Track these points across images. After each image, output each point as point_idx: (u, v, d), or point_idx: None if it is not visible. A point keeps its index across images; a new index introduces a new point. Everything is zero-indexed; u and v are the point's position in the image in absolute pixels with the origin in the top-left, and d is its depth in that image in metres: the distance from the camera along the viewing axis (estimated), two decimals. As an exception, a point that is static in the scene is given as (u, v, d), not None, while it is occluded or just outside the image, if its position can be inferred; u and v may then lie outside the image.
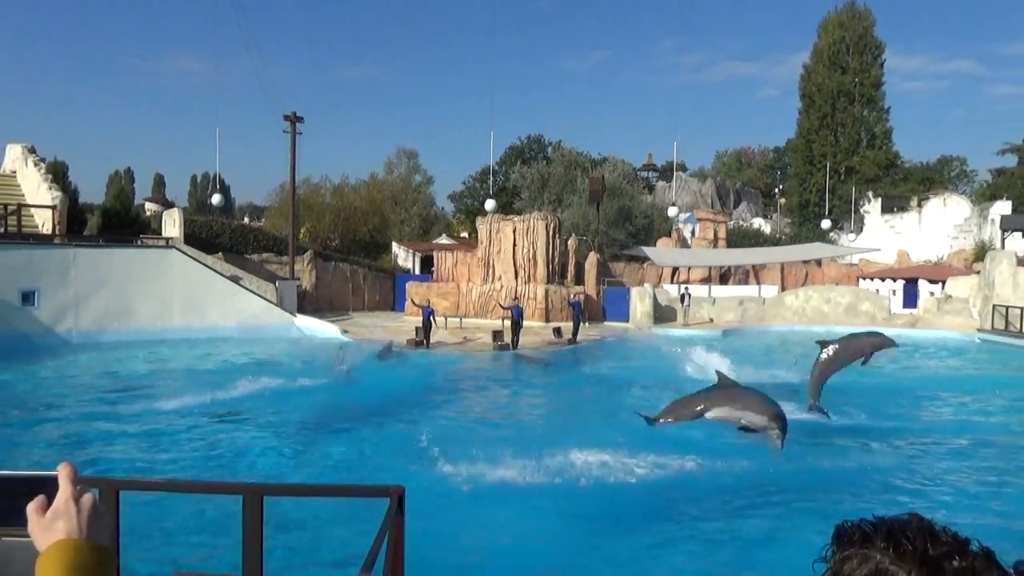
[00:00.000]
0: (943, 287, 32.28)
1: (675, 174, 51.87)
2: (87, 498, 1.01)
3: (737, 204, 62.44)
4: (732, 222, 48.67)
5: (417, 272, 36.99)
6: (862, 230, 48.15)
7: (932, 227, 45.73)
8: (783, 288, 35.66)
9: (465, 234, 49.42)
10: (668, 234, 41.14)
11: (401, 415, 13.45)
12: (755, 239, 45.55)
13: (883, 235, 46.24)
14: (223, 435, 12.16)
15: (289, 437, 11.81)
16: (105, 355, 20.22)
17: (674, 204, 40.28)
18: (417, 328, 22.88)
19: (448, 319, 27.28)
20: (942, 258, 42.21)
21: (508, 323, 22.96)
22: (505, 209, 40.15)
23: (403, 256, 39.17)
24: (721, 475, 9.48)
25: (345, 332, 24.76)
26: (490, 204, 33.51)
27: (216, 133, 53.90)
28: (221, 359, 20.59)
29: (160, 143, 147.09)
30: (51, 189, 26.07)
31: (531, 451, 10.04)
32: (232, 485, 2.31)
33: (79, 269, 22.45)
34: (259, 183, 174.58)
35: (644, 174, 63.60)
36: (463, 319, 28.24)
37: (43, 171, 27.39)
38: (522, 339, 22.61)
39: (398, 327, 26.28)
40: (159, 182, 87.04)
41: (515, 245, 29.59)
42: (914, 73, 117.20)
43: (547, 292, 28.71)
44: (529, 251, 29.48)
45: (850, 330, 27.55)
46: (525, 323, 24.09)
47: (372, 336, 23.92)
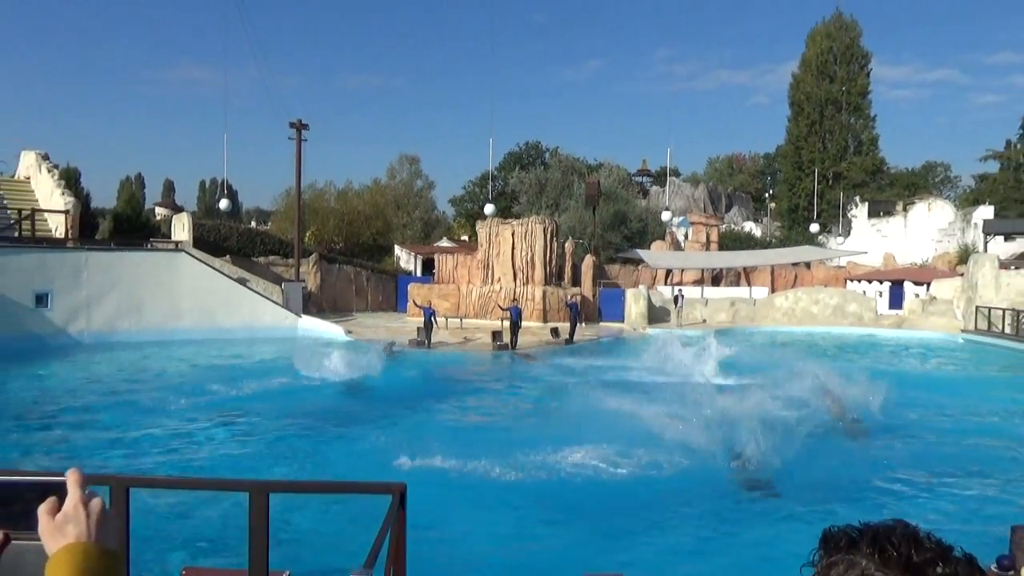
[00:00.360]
0: (928, 289, 32.67)
1: (668, 179, 52.58)
2: (96, 502, 1.01)
3: (729, 208, 63.26)
4: (724, 226, 49.19)
5: (419, 274, 37.17)
6: (849, 233, 48.52)
7: (917, 231, 46.21)
8: (773, 289, 36.12)
9: (465, 237, 49.92)
10: (662, 237, 41.40)
11: (401, 414, 13.45)
12: (746, 242, 45.92)
13: (870, 238, 46.70)
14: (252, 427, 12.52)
15: (311, 430, 12.16)
16: (141, 353, 20.58)
17: (668, 208, 41.01)
18: (419, 328, 23.13)
19: (448, 320, 27.62)
20: (927, 261, 42.56)
21: (507, 324, 23.25)
22: (504, 213, 40.65)
23: (405, 258, 39.53)
24: (711, 476, 9.33)
25: (349, 332, 24.95)
26: (489, 209, 34.00)
27: (224, 139, 54.18)
28: (227, 357, 20.88)
29: (170, 149, 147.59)
30: (64, 194, 26.19)
31: (531, 450, 10.09)
32: (238, 482, 2.32)
33: (91, 272, 22.72)
34: (266, 188, 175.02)
35: (639, 179, 64.33)
36: (463, 320, 28.57)
37: (56, 177, 27.58)
38: (520, 339, 22.87)
39: (400, 327, 26.51)
40: (169, 187, 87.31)
41: (514, 248, 29.87)
42: (899, 82, 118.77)
43: (545, 293, 29.03)
44: (527, 254, 29.79)
45: (838, 330, 28.67)
46: (523, 324, 24.39)
47: (375, 336, 24.06)
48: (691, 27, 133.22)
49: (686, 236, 43.36)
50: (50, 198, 27.05)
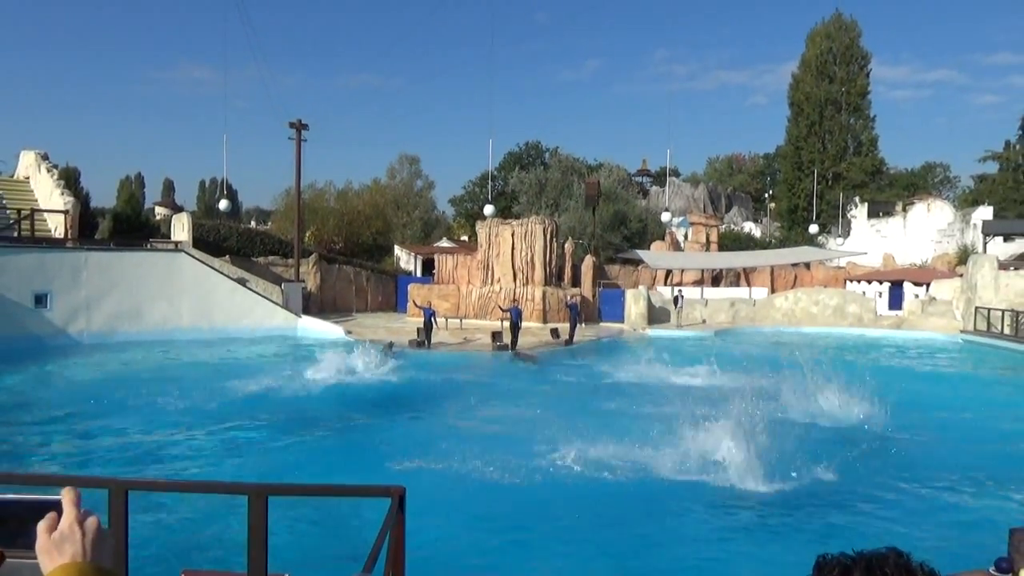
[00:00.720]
0: (927, 289, 32.73)
1: (668, 179, 52.58)
2: (91, 521, 1.01)
3: (728, 208, 63.33)
4: (724, 226, 49.31)
5: (418, 274, 37.20)
6: (849, 234, 48.62)
7: (917, 231, 46.34)
8: (773, 290, 36.23)
9: (465, 237, 49.94)
10: (662, 238, 41.39)
11: (401, 415, 13.40)
12: (746, 243, 45.99)
13: (869, 239, 46.85)
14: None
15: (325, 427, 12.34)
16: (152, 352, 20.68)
17: (667, 209, 41.03)
18: (418, 329, 23.12)
19: (448, 320, 27.67)
20: (926, 261, 42.66)
21: (507, 324, 23.28)
22: (504, 213, 40.66)
23: (405, 259, 39.54)
24: (705, 488, 9.08)
25: (349, 333, 24.94)
26: (488, 210, 33.98)
27: (224, 139, 54.22)
28: (226, 358, 20.85)
29: (169, 149, 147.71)
30: (63, 194, 26.15)
31: (531, 453, 10.08)
32: (237, 485, 2.30)
33: (90, 272, 22.67)
34: (266, 188, 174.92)
35: (638, 179, 64.41)
36: (463, 320, 28.60)
37: (56, 177, 27.53)
38: (520, 340, 22.80)
39: (400, 327, 26.51)
40: (168, 187, 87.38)
41: (514, 248, 29.88)
42: (899, 82, 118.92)
43: (544, 294, 29.04)
44: (527, 254, 29.80)
45: (838, 331, 28.69)
46: (523, 324, 24.34)
47: (375, 336, 23.98)
48: (690, 27, 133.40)
49: (686, 236, 43.39)
50: (49, 198, 27.02)
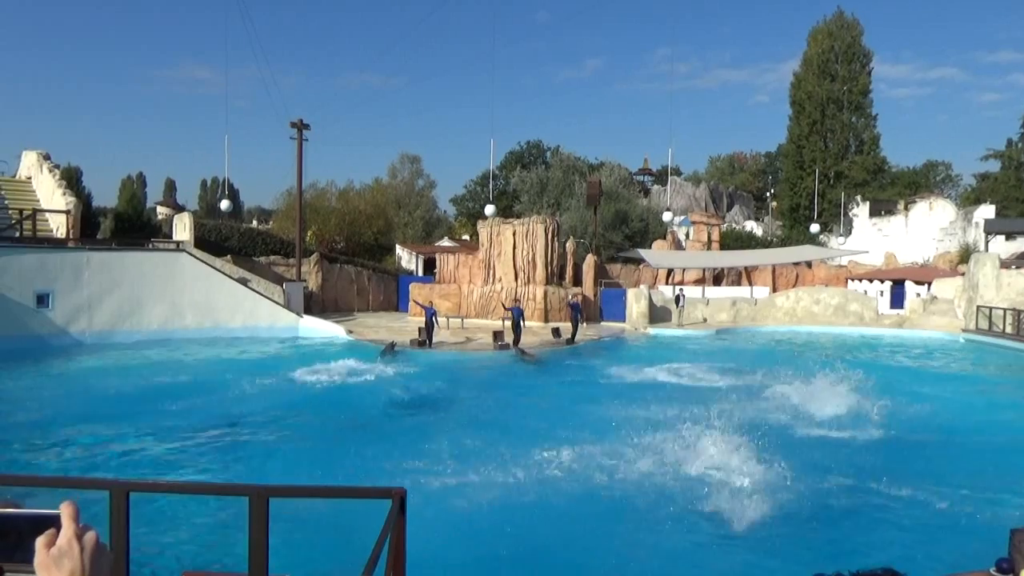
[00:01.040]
0: (929, 288, 32.71)
1: (670, 178, 52.63)
2: (90, 536, 1.01)
3: (730, 207, 63.32)
4: (725, 225, 49.29)
5: (420, 274, 37.26)
6: (851, 233, 48.59)
7: (918, 230, 46.36)
8: (774, 289, 36.19)
9: (467, 237, 49.93)
10: (663, 237, 41.34)
11: (401, 415, 13.34)
12: (747, 242, 45.96)
13: (871, 238, 46.86)
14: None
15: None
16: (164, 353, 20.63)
17: (669, 208, 41.00)
18: (420, 328, 23.12)
19: (450, 319, 27.71)
20: (928, 260, 42.67)
21: (508, 323, 23.33)
22: (505, 213, 40.67)
23: (406, 258, 39.59)
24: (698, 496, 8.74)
25: (350, 332, 24.95)
26: (489, 209, 33.93)
27: (225, 139, 54.41)
28: (227, 358, 20.81)
29: (171, 149, 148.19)
30: (65, 194, 26.15)
31: (531, 453, 10.06)
32: (238, 487, 2.33)
33: (92, 272, 22.67)
34: (267, 187, 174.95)
35: (640, 178, 64.38)
36: (464, 319, 28.63)
37: (57, 177, 27.55)
38: (522, 339, 22.78)
39: (402, 327, 26.51)
40: (170, 187, 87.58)
41: (515, 248, 29.87)
42: (900, 81, 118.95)
43: (546, 293, 29.05)
44: (528, 253, 29.79)
45: (839, 330, 28.70)
46: (525, 323, 24.31)
47: (376, 336, 24.10)
48: (692, 26, 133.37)
49: (687, 235, 43.39)
50: (51, 198, 27.05)
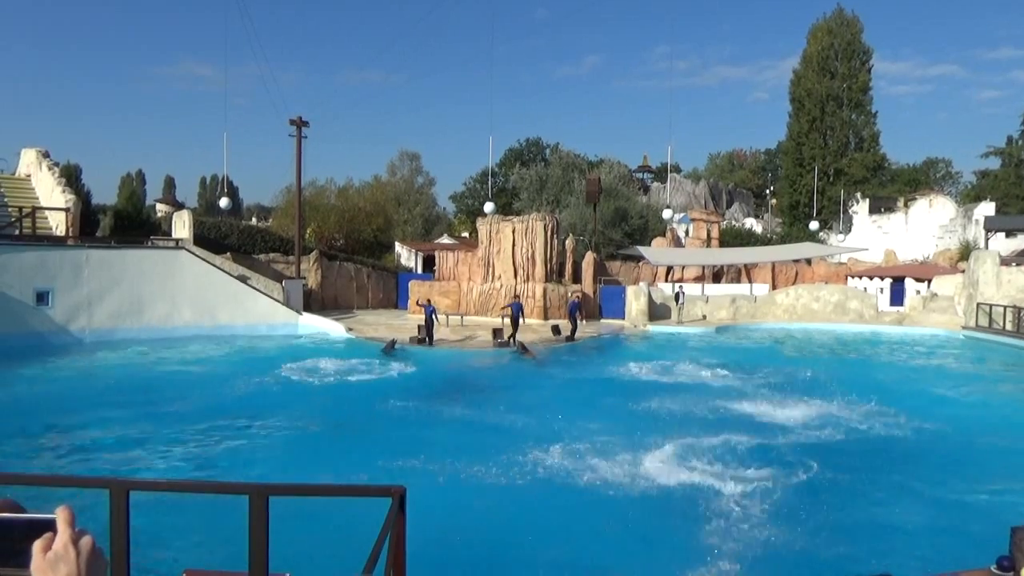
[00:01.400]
0: (929, 285, 32.71)
1: (669, 175, 52.59)
2: (85, 540, 1.02)
3: (729, 204, 63.31)
4: (725, 222, 49.26)
5: (419, 271, 37.26)
6: (850, 230, 48.60)
7: (918, 227, 46.28)
8: (774, 286, 36.19)
9: (466, 234, 49.87)
10: (663, 234, 41.34)
11: (401, 412, 13.37)
12: (747, 239, 46.02)
13: (871, 235, 46.77)
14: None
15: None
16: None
17: (668, 205, 40.97)
18: (419, 326, 23.18)
19: (449, 317, 27.74)
20: (928, 257, 42.57)
21: (507, 320, 23.37)
22: (504, 210, 40.68)
23: (406, 256, 39.55)
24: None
25: (350, 330, 24.95)
26: (489, 207, 33.92)
27: (224, 137, 54.30)
28: (226, 355, 20.90)
29: (170, 146, 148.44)
30: (64, 192, 26.13)
31: (530, 451, 10.06)
32: (238, 485, 2.28)
33: (92, 269, 22.65)
34: (266, 185, 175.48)
35: (639, 175, 64.41)
36: (464, 317, 28.61)
37: (57, 175, 27.51)
38: (521, 337, 22.77)
39: (401, 325, 26.49)
40: (169, 184, 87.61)
41: (514, 245, 29.87)
42: (900, 78, 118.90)
43: (545, 291, 29.06)
44: (528, 251, 29.79)
45: (839, 327, 28.71)
46: (524, 321, 24.39)
47: (376, 334, 24.11)
48: (691, 23, 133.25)
49: (687, 233, 43.36)
50: (51, 196, 27.01)
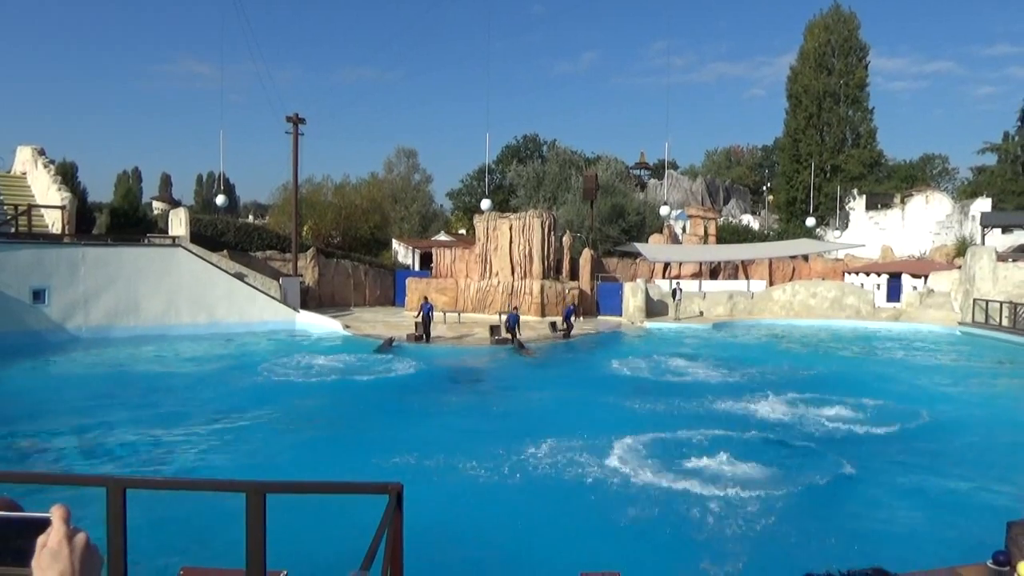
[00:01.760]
0: (925, 282, 32.77)
1: (666, 172, 52.56)
2: (80, 537, 1.03)
3: (726, 201, 63.31)
4: (722, 219, 49.32)
5: (416, 268, 37.32)
6: (847, 226, 48.64)
7: (915, 223, 46.34)
8: (771, 283, 36.29)
9: (463, 231, 49.95)
10: (660, 231, 41.35)
11: (399, 410, 13.38)
12: (744, 235, 46.09)
13: (867, 231, 46.85)
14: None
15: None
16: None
17: (665, 202, 40.98)
18: (417, 323, 23.14)
19: (447, 314, 27.78)
20: (924, 253, 42.70)
21: (504, 317, 23.36)
22: (502, 207, 40.63)
23: (403, 253, 39.49)
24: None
25: (347, 327, 24.94)
26: (485, 204, 33.87)
27: (221, 134, 54.05)
28: (225, 353, 20.88)
29: (166, 144, 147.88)
30: (60, 190, 26.10)
31: (527, 447, 10.09)
32: (235, 483, 2.31)
33: (88, 267, 22.65)
34: (263, 182, 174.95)
35: (636, 172, 64.38)
36: (461, 314, 28.64)
37: (52, 172, 27.47)
38: (519, 334, 22.59)
39: (399, 322, 26.49)
40: (166, 182, 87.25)
41: (511, 242, 29.87)
42: (897, 74, 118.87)
43: (543, 287, 29.06)
44: (525, 248, 29.79)
45: (836, 323, 28.80)
46: (522, 318, 24.25)
47: (373, 331, 24.12)
48: (688, 19, 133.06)
49: (684, 229, 43.40)
50: (46, 193, 26.97)
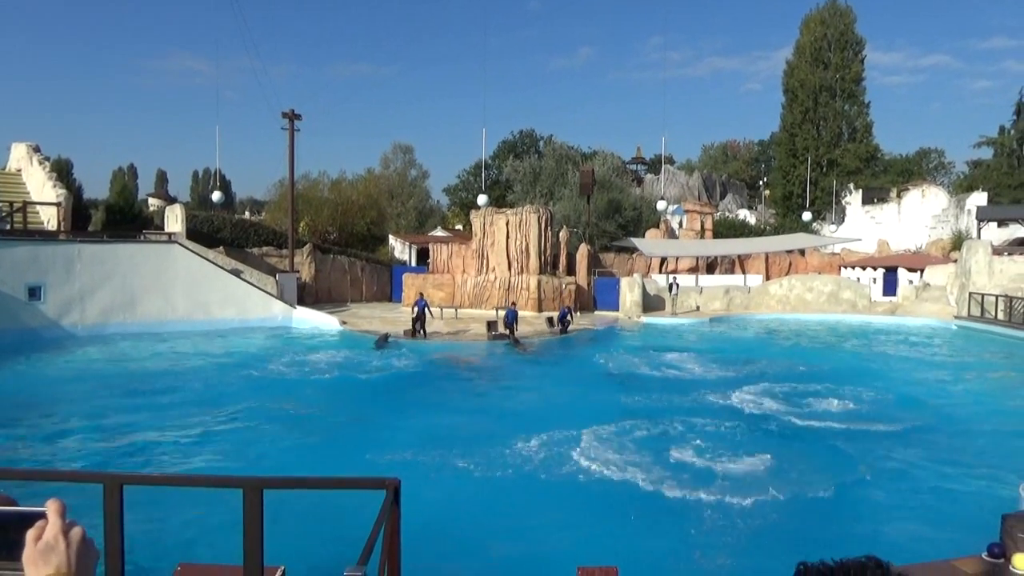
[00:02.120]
0: (921, 275, 32.78)
1: (663, 167, 52.56)
2: (76, 531, 1.03)
3: (723, 196, 63.39)
4: (718, 213, 49.34)
5: (413, 264, 37.29)
6: (843, 221, 48.67)
7: (911, 217, 46.37)
8: (768, 277, 36.30)
9: (460, 227, 49.84)
10: (656, 225, 41.37)
11: (396, 406, 13.42)
12: (740, 230, 46.10)
13: (864, 225, 46.84)
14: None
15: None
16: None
17: (662, 197, 41.04)
18: (413, 319, 23.08)
19: (444, 309, 27.83)
20: (920, 247, 42.62)
21: (502, 313, 23.38)
22: (498, 202, 40.60)
23: (400, 248, 39.44)
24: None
25: (344, 323, 24.94)
26: (482, 199, 33.86)
27: (216, 130, 54.11)
28: (222, 349, 20.85)
29: (162, 140, 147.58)
30: (55, 186, 26.03)
31: (524, 443, 10.14)
32: (232, 479, 2.29)
33: (84, 264, 22.63)
34: (259, 178, 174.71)
35: (633, 167, 64.43)
36: (458, 310, 28.66)
37: (47, 169, 27.39)
38: (517, 329, 22.59)
39: (395, 318, 26.51)
40: (161, 178, 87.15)
41: (508, 237, 29.86)
42: (893, 68, 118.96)
43: (539, 283, 29.09)
44: (522, 243, 29.78)
45: (832, 317, 28.88)
46: (520, 313, 24.25)
47: (370, 327, 24.13)
48: (684, 14, 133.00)
49: (680, 224, 43.41)
50: (41, 190, 26.91)
